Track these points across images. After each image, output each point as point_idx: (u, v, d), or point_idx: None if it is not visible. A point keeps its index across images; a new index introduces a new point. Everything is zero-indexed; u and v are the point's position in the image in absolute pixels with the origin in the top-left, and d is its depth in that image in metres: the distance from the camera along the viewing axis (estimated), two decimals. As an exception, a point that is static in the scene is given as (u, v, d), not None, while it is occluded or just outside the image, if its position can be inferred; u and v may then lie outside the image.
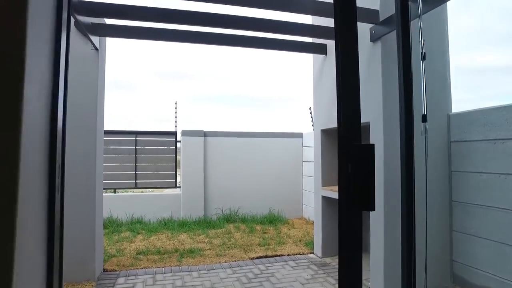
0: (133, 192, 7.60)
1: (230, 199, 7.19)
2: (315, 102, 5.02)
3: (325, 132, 4.79)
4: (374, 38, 3.56)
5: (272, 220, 6.96)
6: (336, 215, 1.69)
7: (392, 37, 3.53)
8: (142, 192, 8.14)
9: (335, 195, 4.35)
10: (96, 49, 3.90)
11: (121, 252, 4.93)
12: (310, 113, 8.21)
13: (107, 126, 7.15)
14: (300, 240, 5.61)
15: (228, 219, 7.00)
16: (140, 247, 5.19)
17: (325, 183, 4.73)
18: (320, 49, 4.70)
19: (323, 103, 4.74)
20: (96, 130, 3.91)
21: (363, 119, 1.66)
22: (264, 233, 6.15)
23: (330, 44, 4.57)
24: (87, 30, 3.65)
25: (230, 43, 4.25)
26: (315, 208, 4.95)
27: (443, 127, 3.66)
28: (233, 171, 7.26)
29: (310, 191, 7.24)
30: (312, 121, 8.23)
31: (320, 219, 4.73)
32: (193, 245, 5.29)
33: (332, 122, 4.47)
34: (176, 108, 7.32)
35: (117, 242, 5.43)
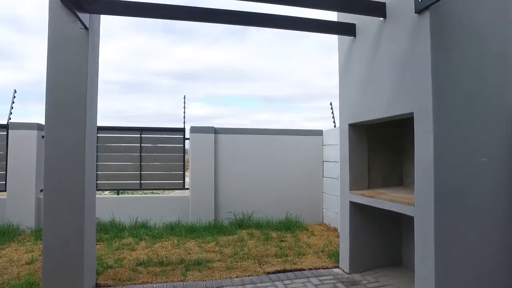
0: (138, 193, 7.07)
1: (243, 202, 6.56)
2: (341, 92, 4.33)
3: (354, 127, 4.09)
4: (420, 8, 2.86)
5: (290, 226, 6.30)
6: (368, 223, 1.03)
7: (448, 4, 2.83)
8: (147, 194, 7.60)
9: (366, 200, 3.66)
10: (86, 28, 3.32)
11: (119, 262, 4.35)
12: (331, 108, 7.52)
13: (111, 123, 6.65)
14: (322, 251, 4.92)
15: (241, 224, 6.37)
16: (142, 256, 4.61)
17: (354, 186, 4.04)
18: (347, 30, 4.02)
19: (352, 92, 4.05)
20: (85, 123, 3.32)
21: (403, 109, 0.98)
22: (281, 241, 5.49)
23: (361, 23, 3.88)
24: (74, 6, 3.08)
25: (244, 22, 3.63)
26: (342, 215, 4.27)
27: None
28: (247, 172, 6.63)
29: (331, 194, 6.55)
30: (333, 117, 7.54)
31: (348, 228, 4.04)
32: (201, 255, 4.68)
33: (363, 114, 3.78)
34: (184, 103, 6.74)
35: (116, 250, 4.87)
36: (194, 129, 6.41)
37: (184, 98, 6.77)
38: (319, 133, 7.08)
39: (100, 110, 3.77)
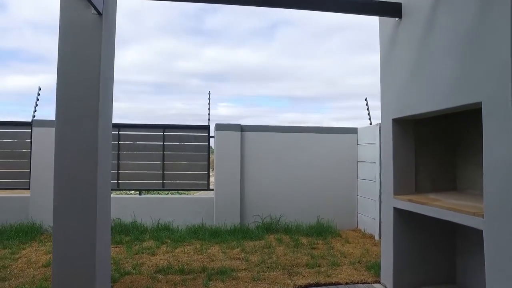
0: (160, 194, 6.81)
1: (271, 204, 6.14)
2: (384, 83, 3.81)
3: (399, 123, 3.56)
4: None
5: (321, 231, 5.80)
6: (415, 233, 0.56)
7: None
8: (170, 194, 7.33)
9: (416, 207, 3.13)
10: (100, 13, 3.01)
11: (138, 268, 4.05)
12: (366, 104, 6.94)
13: (133, 120, 6.42)
14: (359, 261, 4.41)
15: (269, 228, 5.94)
16: (162, 262, 4.29)
17: (399, 190, 3.50)
18: (392, 10, 3.49)
19: (397, 83, 3.52)
20: (98, 119, 3.01)
21: (466, 98, 0.53)
22: (313, 248, 5.02)
23: (408, 1, 3.35)
24: (85, -13, 2.78)
25: (277, 3, 3.22)
26: (384, 223, 3.74)
27: None
28: (275, 172, 6.19)
29: (367, 197, 5.99)
30: (368, 113, 6.96)
31: (391, 238, 3.51)
32: (225, 262, 4.30)
33: (411, 107, 3.25)
34: (209, 99, 6.40)
35: (136, 254, 4.58)
36: (219, 127, 6.05)
37: (209, 94, 6.43)
38: (353, 131, 6.53)
39: (130, 110, 3.49)
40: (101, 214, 3.06)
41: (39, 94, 6.28)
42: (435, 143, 3.71)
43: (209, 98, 6.42)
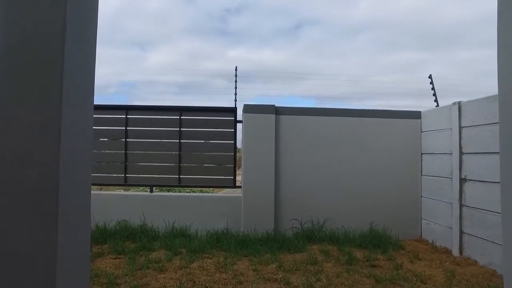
0: (176, 191, 5.71)
1: (312, 207, 4.90)
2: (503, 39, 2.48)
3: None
4: None
5: (377, 241, 4.51)
6: None
7: None
8: (188, 192, 6.22)
9: None
10: None
11: (138, 292, 2.94)
12: (431, 83, 5.55)
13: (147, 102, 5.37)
14: (446, 291, 3.11)
15: (310, 236, 4.71)
16: (171, 283, 3.16)
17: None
18: None
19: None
20: (61, 96, 1.87)
21: None
22: (372, 266, 3.76)
23: None
24: None
25: None
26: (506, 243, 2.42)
27: None
28: (317, 166, 4.96)
29: (435, 199, 4.66)
30: (434, 93, 5.57)
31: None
32: (257, 285, 3.13)
33: None
34: (236, 75, 5.25)
35: (139, 269, 3.48)
36: (248, 108, 4.87)
37: (236, 70, 5.28)
38: (415, 115, 5.18)
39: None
40: (67, 219, 1.95)
41: None
42: None
43: (235, 75, 5.27)
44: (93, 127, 1.96)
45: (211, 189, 7.08)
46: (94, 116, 1.94)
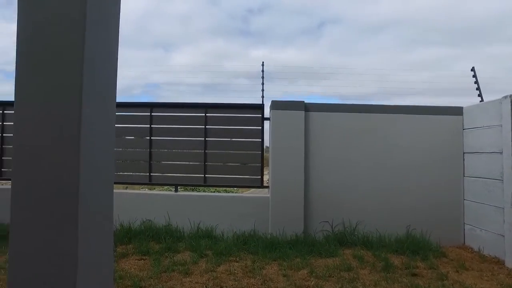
0: (201, 191, 5.56)
1: (343, 208, 4.62)
2: None
3: None
4: None
5: (415, 247, 4.18)
6: None
7: None
8: (214, 192, 6.06)
9: None
10: None
11: (163, 297, 2.78)
12: (474, 75, 5.13)
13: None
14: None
15: (342, 240, 4.43)
16: (197, 287, 2.99)
17: None
18: None
19: None
20: (81, 91, 1.71)
21: None
22: (413, 275, 3.44)
23: None
24: None
25: None
26: None
27: None
28: (350, 166, 4.67)
29: (483, 203, 4.27)
30: (478, 87, 5.14)
31: None
32: (288, 293, 2.91)
33: None
34: (263, 71, 5.04)
35: (165, 271, 3.33)
36: (276, 105, 4.64)
37: (263, 65, 5.08)
38: (456, 111, 4.79)
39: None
40: (88, 219, 1.79)
41: None
42: None
43: (262, 71, 5.06)
44: (118, 125, 1.81)
45: (235, 189, 6.90)
46: (118, 114, 1.79)
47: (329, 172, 4.67)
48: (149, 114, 4.84)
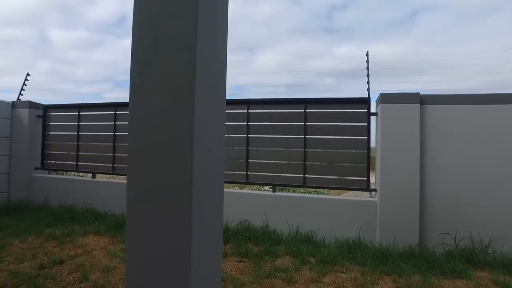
0: (299, 192, 5.27)
1: (471, 219, 3.87)
2: None
3: None
4: None
5: None
6: None
7: None
8: (314, 193, 5.71)
9: None
10: None
11: (267, 306, 2.56)
12: None
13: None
14: None
15: (471, 258, 3.68)
16: (304, 300, 2.70)
17: None
18: None
19: None
20: (193, 90, 1.56)
21: None
22: None
23: None
24: None
25: None
26: None
27: None
28: (476, 168, 3.89)
29: None
30: None
31: None
32: (412, 319, 2.42)
33: None
34: (368, 61, 4.54)
35: (266, 277, 3.12)
36: (385, 98, 4.11)
37: (367, 55, 4.58)
38: None
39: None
40: (201, 217, 1.64)
41: (27, 79, 6.23)
42: None
43: (367, 61, 4.57)
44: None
45: (340, 190, 6.46)
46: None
47: (451, 174, 3.95)
48: (246, 111, 4.74)
